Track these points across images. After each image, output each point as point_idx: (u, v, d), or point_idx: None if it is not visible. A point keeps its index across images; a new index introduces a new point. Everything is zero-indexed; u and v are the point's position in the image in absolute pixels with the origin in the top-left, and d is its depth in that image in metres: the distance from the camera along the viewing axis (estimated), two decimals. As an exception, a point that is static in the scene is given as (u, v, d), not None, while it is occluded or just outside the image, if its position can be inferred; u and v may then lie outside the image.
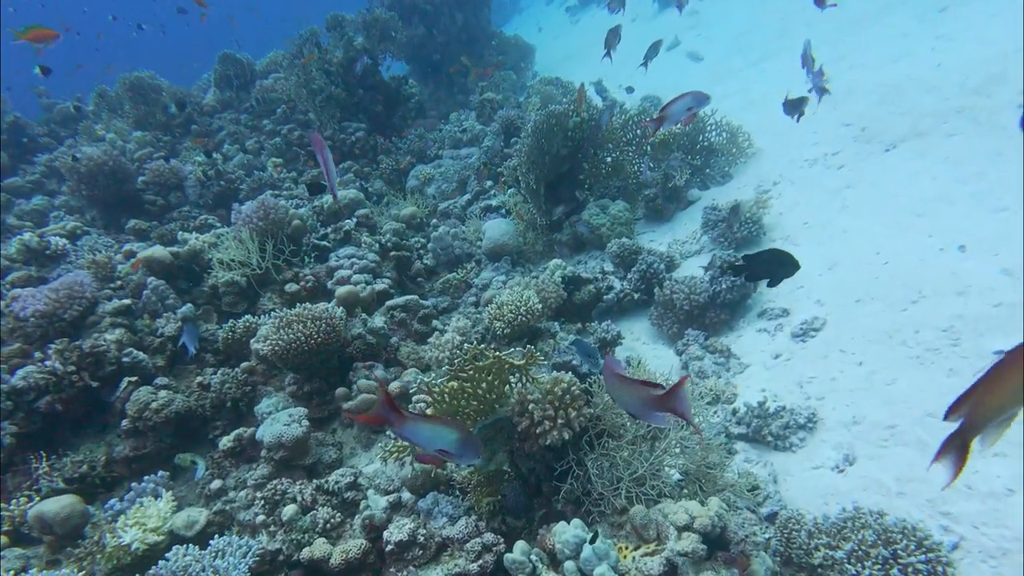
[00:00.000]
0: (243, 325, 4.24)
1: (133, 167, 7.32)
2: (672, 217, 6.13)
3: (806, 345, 4.00)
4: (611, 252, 5.37)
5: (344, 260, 4.91)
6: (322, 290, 4.90)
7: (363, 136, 8.22)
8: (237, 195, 6.87)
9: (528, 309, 4.13)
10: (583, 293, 5.17)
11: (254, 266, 4.64)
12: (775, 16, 8.06)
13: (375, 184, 7.76)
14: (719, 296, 4.54)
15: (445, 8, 11.63)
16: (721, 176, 6.00)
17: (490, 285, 5.54)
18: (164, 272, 4.50)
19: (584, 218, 5.96)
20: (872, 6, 7.01)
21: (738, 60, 8.00)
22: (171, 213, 6.65)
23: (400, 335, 4.57)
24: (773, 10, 8.33)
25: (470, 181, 7.42)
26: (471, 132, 7.69)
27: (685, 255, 5.52)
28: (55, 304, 3.79)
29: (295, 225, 5.03)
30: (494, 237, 5.84)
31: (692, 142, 6.02)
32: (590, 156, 6.14)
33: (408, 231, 6.44)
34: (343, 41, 8.21)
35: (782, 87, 6.91)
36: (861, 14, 6.94)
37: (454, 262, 6.04)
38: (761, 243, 5.04)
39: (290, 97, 8.27)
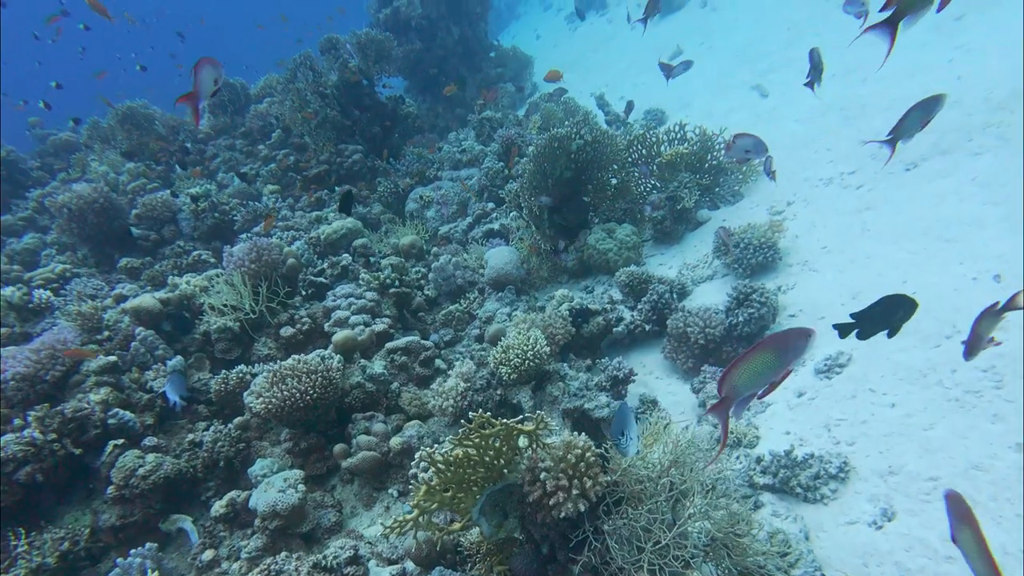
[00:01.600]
0: (236, 376, 4.04)
1: (125, 202, 7.16)
2: (681, 239, 5.90)
3: (831, 383, 3.76)
4: (620, 281, 5.14)
5: (341, 300, 4.70)
6: (319, 332, 4.70)
7: (360, 158, 8.03)
8: (232, 226, 6.69)
9: (536, 353, 3.90)
10: (592, 325, 4.95)
11: (247, 310, 4.43)
12: (782, 26, 7.78)
13: (374, 208, 7.56)
14: (736, 329, 4.31)
15: (442, 23, 11.48)
16: (731, 195, 5.77)
17: (494, 318, 5.33)
18: (153, 321, 4.30)
19: (590, 243, 5.74)
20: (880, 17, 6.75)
21: (744, 72, 7.75)
22: (164, 248, 6.47)
23: (401, 379, 4.36)
24: (780, 20, 8.03)
25: (471, 203, 7.21)
26: (471, 153, 7.49)
27: (697, 280, 5.28)
28: (36, 365, 3.59)
29: (290, 264, 4.83)
30: (497, 266, 5.62)
31: (700, 161, 5.79)
32: (594, 178, 5.93)
33: (408, 260, 6.25)
34: (338, 63, 8.03)
35: (790, 99, 6.75)
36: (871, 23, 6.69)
37: (456, 292, 5.83)
38: (777, 269, 4.80)
39: (284, 122, 8.10)
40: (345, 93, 8.25)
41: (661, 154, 5.75)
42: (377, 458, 3.59)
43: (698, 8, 11.47)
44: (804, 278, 4.56)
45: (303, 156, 8.14)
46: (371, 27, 11.88)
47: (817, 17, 7.93)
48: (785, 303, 4.49)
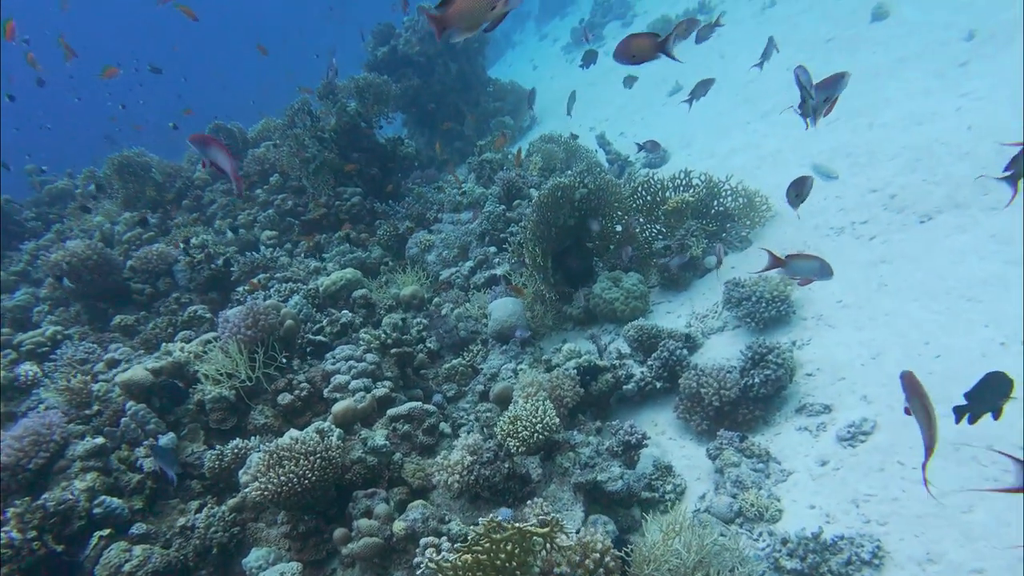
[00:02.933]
0: (231, 452, 3.86)
1: (120, 253, 7.05)
2: (689, 285, 5.75)
3: (856, 452, 3.58)
4: (629, 336, 4.98)
5: (341, 363, 4.53)
6: (318, 396, 4.52)
7: (359, 201, 7.92)
8: (229, 277, 6.55)
9: (545, 425, 3.73)
10: (601, 383, 4.77)
11: (243, 378, 4.26)
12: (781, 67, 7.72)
13: (374, 252, 7.42)
14: (751, 390, 4.13)
15: (439, 59, 11.49)
16: (739, 241, 5.64)
17: (499, 374, 5.16)
18: (145, 394, 4.12)
19: (596, 292, 5.60)
20: (884, 59, 6.68)
21: (745, 111, 7.66)
22: (160, 302, 6.32)
23: (404, 449, 4.17)
24: (779, 61, 8.00)
25: (472, 247, 7.08)
26: (471, 196, 7.38)
27: (707, 332, 5.12)
28: (19, 454, 3.41)
29: (287, 327, 4.67)
30: (501, 319, 5.46)
31: (706, 207, 5.67)
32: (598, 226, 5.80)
33: (410, 311, 6.09)
34: (336, 108, 7.96)
35: (795, 141, 6.64)
36: (874, 68, 6.60)
37: (459, 345, 5.66)
38: (791, 322, 4.64)
39: (282, 167, 8.01)
40: (344, 136, 8.18)
41: (666, 201, 5.62)
42: (380, 544, 3.39)
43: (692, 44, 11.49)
44: (820, 334, 4.40)
45: (301, 199, 8.04)
46: (369, 64, 11.93)
47: (818, 59, 7.89)
48: (801, 360, 4.32)
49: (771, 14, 10.66)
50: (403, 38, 11.13)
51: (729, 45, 10.42)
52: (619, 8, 16.29)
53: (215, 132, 8.94)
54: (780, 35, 9.13)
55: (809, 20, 9.39)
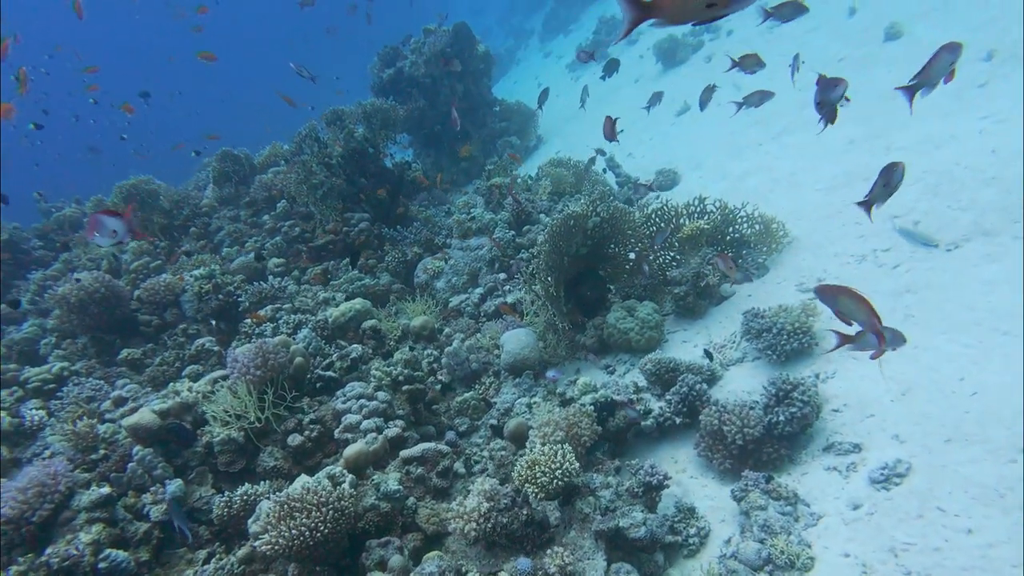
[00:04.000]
0: (240, 500, 3.74)
1: (127, 282, 6.98)
2: (705, 313, 5.62)
3: (891, 495, 3.43)
4: (646, 370, 4.85)
5: (352, 402, 4.41)
6: (328, 436, 4.40)
7: (367, 226, 7.85)
8: (237, 307, 6.46)
9: (565, 471, 3.60)
10: (618, 419, 4.65)
11: (252, 420, 4.16)
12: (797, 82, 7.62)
13: (382, 278, 7.33)
14: (776, 428, 3.99)
15: (445, 80, 11.47)
16: (756, 268, 5.51)
17: (513, 409, 5.04)
18: (152, 438, 4.02)
19: (610, 322, 5.48)
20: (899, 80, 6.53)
21: (757, 132, 7.56)
22: (167, 333, 6.24)
23: (418, 492, 4.04)
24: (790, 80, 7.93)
25: (481, 273, 6.99)
26: (480, 221, 7.30)
27: (726, 363, 4.98)
28: (23, 506, 3.31)
29: (297, 364, 4.57)
30: (514, 351, 5.35)
31: (721, 234, 5.56)
32: (611, 253, 5.71)
33: (419, 342, 5.99)
34: (343, 133, 7.92)
35: (810, 163, 6.52)
36: (889, 89, 6.50)
37: (471, 377, 5.55)
38: (813, 354, 4.51)
39: (290, 193, 7.96)
40: (351, 161, 8.13)
41: (680, 228, 5.52)
42: (395, 600, 3.26)
43: (702, 63, 11.44)
44: (845, 367, 4.26)
45: (308, 225, 7.98)
46: (375, 87, 11.94)
47: None
48: (826, 394, 4.18)
49: (780, 32, 10.58)
50: (409, 60, 11.13)
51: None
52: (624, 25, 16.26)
53: (222, 158, 8.90)
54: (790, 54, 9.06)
55: (819, 39, 9.32)
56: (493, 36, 28.55)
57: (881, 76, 7.18)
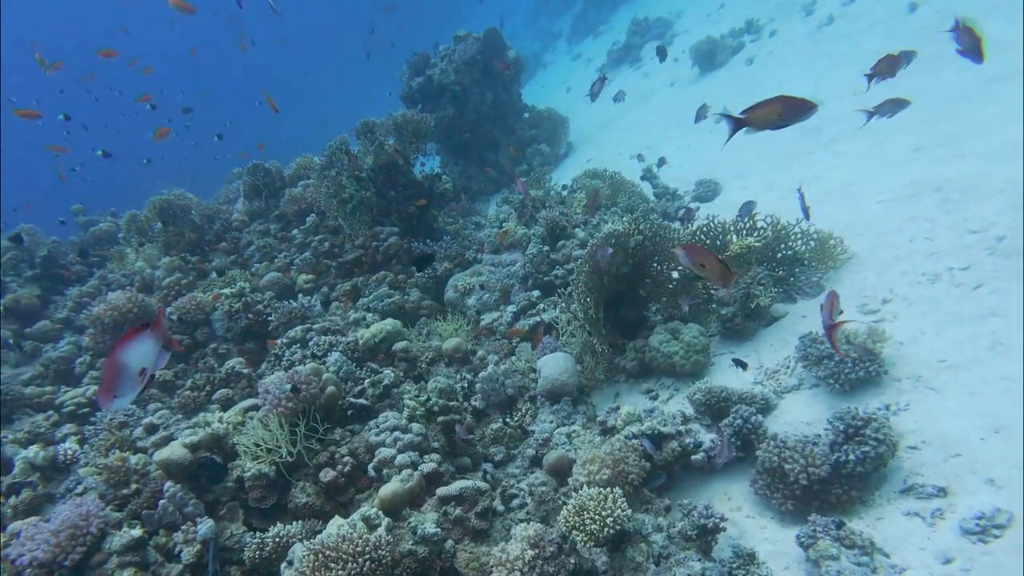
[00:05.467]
0: (273, 542, 3.57)
1: (158, 300, 6.93)
2: (754, 335, 5.31)
3: (990, 550, 3.09)
4: (695, 400, 4.57)
5: (386, 434, 4.23)
6: (361, 470, 4.22)
7: (396, 241, 7.69)
8: (266, 327, 6.35)
9: (616, 519, 3.35)
10: (666, 452, 4.38)
11: (284, 455, 4.00)
12: (847, 89, 7.16)
13: (412, 294, 7.16)
14: (845, 467, 3.68)
15: (475, 88, 11.30)
16: (810, 287, 5.18)
17: (551, 439, 4.80)
18: (183, 472, 3.89)
19: (653, 345, 5.21)
20: (972, 81, 6.12)
21: (806, 140, 7.15)
22: (197, 354, 6.15)
23: (456, 534, 3.83)
24: (842, 82, 7.43)
25: (514, 290, 6.76)
26: (513, 236, 7.07)
27: (780, 391, 4.67)
28: (55, 549, 3.20)
29: (329, 393, 4.41)
30: (552, 376, 5.12)
31: (772, 251, 5.24)
32: (653, 272, 5.43)
33: (452, 364, 5.79)
34: (374, 146, 7.78)
35: (868, 174, 6.10)
36: (961, 91, 6.01)
37: (506, 403, 5.33)
38: (881, 384, 4.17)
39: (320, 208, 7.85)
40: (380, 174, 7.99)
41: (728, 246, 5.22)
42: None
43: (743, 66, 10.99)
44: (920, 398, 3.92)
45: (338, 239, 7.85)
46: (404, 95, 11.83)
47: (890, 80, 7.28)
48: (900, 429, 3.84)
49: (829, 32, 10.05)
50: (439, 67, 10.98)
51: (781, 66, 9.92)
52: (657, 28, 15.90)
53: (253, 172, 8.84)
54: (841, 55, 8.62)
55: (875, 37, 8.80)
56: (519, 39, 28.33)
57: (951, 77, 6.69)
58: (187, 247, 8.14)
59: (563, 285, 6.27)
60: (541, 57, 25.44)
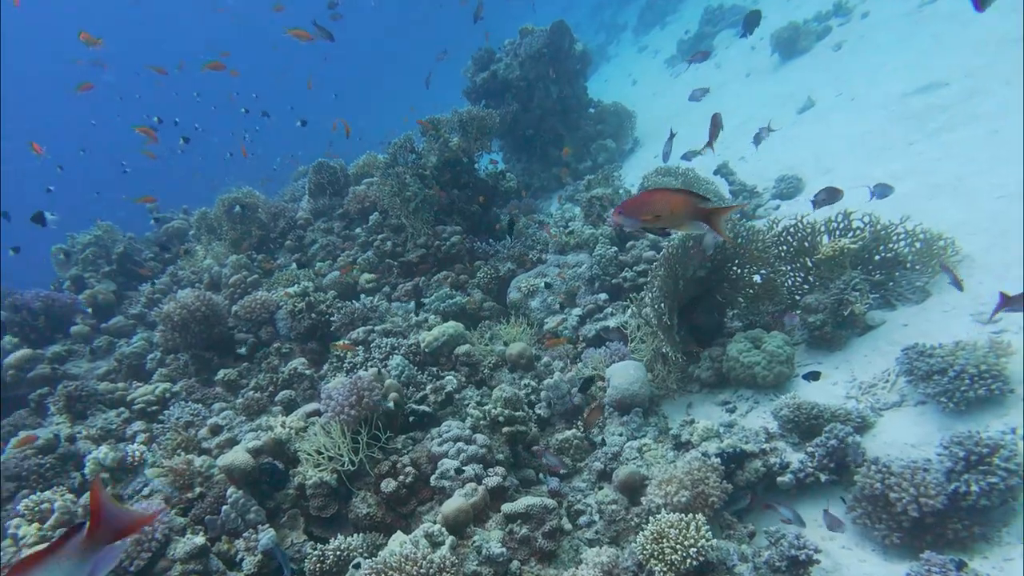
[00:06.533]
0: (334, 555, 3.45)
1: (225, 297, 7.03)
2: (845, 345, 4.85)
3: None
4: (781, 415, 4.19)
5: (449, 445, 4.05)
6: (423, 481, 4.05)
7: (459, 240, 7.54)
8: (329, 327, 6.32)
9: (700, 549, 3.05)
10: (748, 472, 4.03)
11: (346, 463, 3.88)
12: (957, 72, 6.39)
13: (474, 295, 6.99)
14: (965, 499, 3.24)
15: (540, 83, 11.04)
16: (913, 292, 4.67)
17: (622, 454, 4.51)
18: (245, 478, 3.83)
19: (731, 354, 4.83)
20: None
21: (906, 129, 6.46)
22: (261, 353, 6.18)
23: (522, 555, 3.61)
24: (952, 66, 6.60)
25: (580, 293, 6.48)
26: (579, 236, 6.79)
27: (879, 408, 4.22)
28: (122, 555, 3.16)
29: (392, 398, 4.27)
30: (622, 386, 4.82)
31: (870, 254, 4.76)
32: (732, 275, 5.05)
33: (516, 370, 5.58)
34: (438, 144, 7.66)
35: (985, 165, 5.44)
36: None
37: (572, 412, 5.07)
38: (1005, 403, 3.68)
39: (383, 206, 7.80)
40: (444, 172, 7.87)
41: (818, 248, 4.77)
42: None
43: (829, 51, 10.20)
44: (1051, 421, 3.42)
45: (399, 237, 7.77)
46: (468, 91, 11.70)
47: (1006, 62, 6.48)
48: (1026, 458, 3.36)
49: (931, 11, 9.12)
50: (503, 63, 10.78)
51: (874, 52, 9.13)
52: (732, 16, 15.09)
53: (318, 170, 8.89)
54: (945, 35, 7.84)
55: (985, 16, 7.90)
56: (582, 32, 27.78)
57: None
58: (253, 245, 8.26)
59: (632, 288, 5.96)
60: (605, 50, 24.82)
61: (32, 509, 3.76)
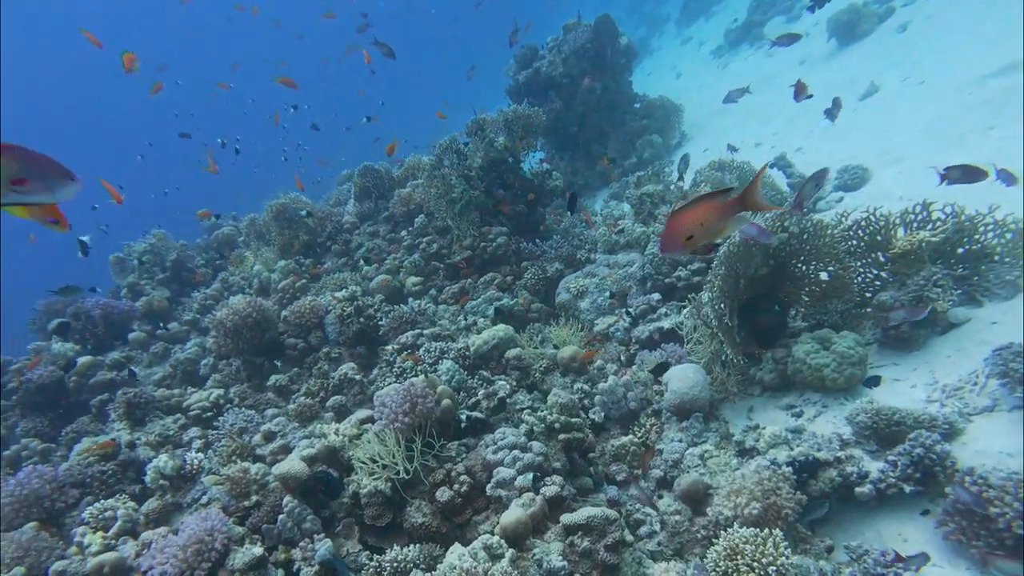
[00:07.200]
0: (391, 567, 3.37)
1: (275, 302, 7.09)
2: (924, 344, 4.52)
3: None
4: (858, 421, 3.92)
5: (504, 452, 3.93)
6: (479, 490, 3.94)
7: (505, 241, 7.42)
8: (377, 331, 6.29)
9: (780, 568, 2.84)
10: (821, 482, 3.78)
11: (400, 472, 3.80)
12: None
13: (521, 296, 6.86)
14: (1074, 519, 2.93)
15: (584, 79, 10.83)
16: (1003, 287, 4.32)
17: (683, 461, 4.31)
18: (301, 487, 3.79)
19: (798, 356, 4.56)
20: None
21: (985, 114, 5.99)
22: (311, 358, 6.19)
23: (584, 568, 3.45)
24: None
25: (631, 293, 6.28)
26: (629, 234, 6.58)
27: (968, 412, 3.90)
28: (183, 565, 3.17)
29: (444, 406, 4.18)
30: (682, 390, 4.61)
31: (952, 246, 4.42)
32: (796, 273, 4.77)
33: (568, 374, 5.42)
34: (484, 144, 7.56)
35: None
36: None
37: (628, 417, 4.89)
38: (1114, 413, 3.33)
39: (428, 208, 7.75)
40: (489, 172, 7.76)
41: (893, 242, 4.46)
42: None
43: (894, 33, 9.61)
44: None
45: (445, 239, 7.71)
46: (510, 90, 11.58)
47: None
48: None
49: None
50: (546, 60, 10.62)
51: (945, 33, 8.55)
52: (784, 1, 14.47)
53: (363, 173, 8.92)
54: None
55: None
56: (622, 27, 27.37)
57: None
58: (301, 250, 8.33)
59: (687, 288, 5.73)
60: (647, 43, 24.30)
61: (96, 517, 3.81)
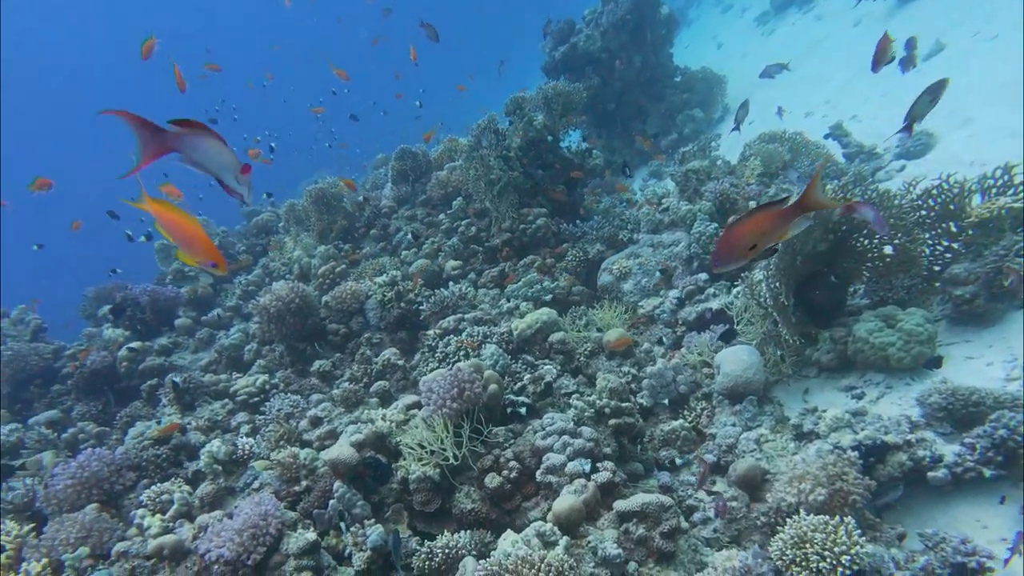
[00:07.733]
0: (442, 553, 3.33)
1: (315, 287, 7.11)
2: (1000, 319, 4.25)
3: None
4: (931, 402, 3.69)
5: (553, 438, 3.84)
6: (528, 476, 3.86)
7: (544, 223, 7.28)
8: (418, 316, 6.25)
9: (855, 557, 2.68)
10: (890, 466, 3.59)
11: (449, 459, 3.75)
12: None
13: (562, 280, 6.73)
14: None
15: (622, 53, 10.52)
16: (1085, 260, 4.00)
17: (737, 446, 4.16)
18: (350, 472, 3.77)
19: (860, 335, 4.33)
20: None
21: None
22: (352, 343, 6.20)
23: (639, 556, 3.35)
24: None
25: (677, 274, 6.08)
26: (674, 212, 6.36)
27: (1050, 394, 3.62)
28: (239, 548, 3.19)
29: (491, 392, 4.11)
30: (735, 373, 4.44)
31: (1032, 215, 4.11)
32: (857, 248, 4.52)
33: (613, 358, 5.28)
34: (523, 123, 7.39)
35: None
36: None
37: (678, 401, 4.75)
38: None
39: (467, 190, 7.65)
40: (527, 151, 7.60)
41: (968, 210, 4.17)
42: None
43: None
44: None
45: (483, 222, 7.61)
46: (546, 67, 11.35)
47: None
48: None
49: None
50: (584, 34, 10.33)
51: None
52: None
53: (400, 156, 8.86)
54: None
55: None
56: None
57: None
58: (339, 235, 8.34)
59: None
60: (685, 14, 23.44)
61: (154, 500, 3.88)
